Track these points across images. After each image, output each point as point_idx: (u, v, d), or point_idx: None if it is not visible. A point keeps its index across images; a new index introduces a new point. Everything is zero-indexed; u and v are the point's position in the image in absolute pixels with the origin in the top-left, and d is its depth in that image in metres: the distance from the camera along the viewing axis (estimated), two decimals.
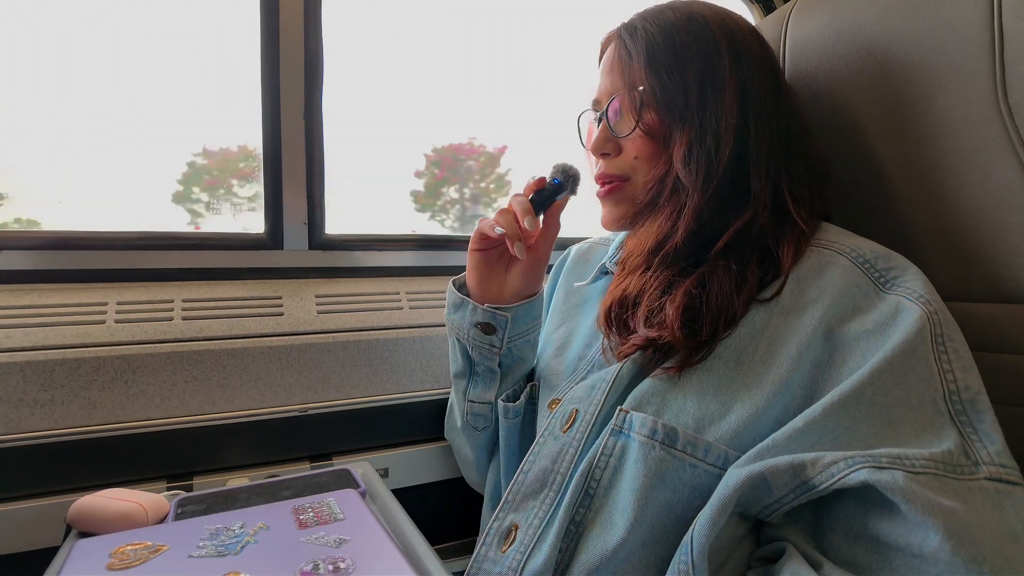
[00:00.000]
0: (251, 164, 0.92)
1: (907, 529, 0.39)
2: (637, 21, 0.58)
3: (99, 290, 0.76)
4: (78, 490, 0.65)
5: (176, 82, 0.87)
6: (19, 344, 0.67)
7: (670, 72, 0.55)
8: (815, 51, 0.66)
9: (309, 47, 0.85)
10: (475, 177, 1.19)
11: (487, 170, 1.20)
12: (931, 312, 0.45)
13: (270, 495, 0.58)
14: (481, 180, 1.20)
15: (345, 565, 0.42)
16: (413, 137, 1.09)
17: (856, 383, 0.43)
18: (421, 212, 1.13)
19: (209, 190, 0.92)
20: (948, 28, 0.54)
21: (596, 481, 0.49)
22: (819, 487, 0.41)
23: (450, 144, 1.16)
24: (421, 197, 1.13)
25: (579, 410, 0.54)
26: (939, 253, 0.59)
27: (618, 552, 0.46)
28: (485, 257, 0.66)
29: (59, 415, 0.68)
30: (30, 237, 0.76)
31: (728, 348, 0.49)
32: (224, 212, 0.93)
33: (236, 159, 0.94)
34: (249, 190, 0.94)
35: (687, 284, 0.52)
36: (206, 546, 0.45)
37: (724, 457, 0.46)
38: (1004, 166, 0.53)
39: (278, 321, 0.80)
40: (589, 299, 0.69)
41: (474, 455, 0.74)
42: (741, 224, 0.53)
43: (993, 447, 0.42)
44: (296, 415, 0.78)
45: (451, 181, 1.16)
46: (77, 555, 0.45)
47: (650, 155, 0.57)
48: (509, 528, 0.52)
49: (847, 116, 0.64)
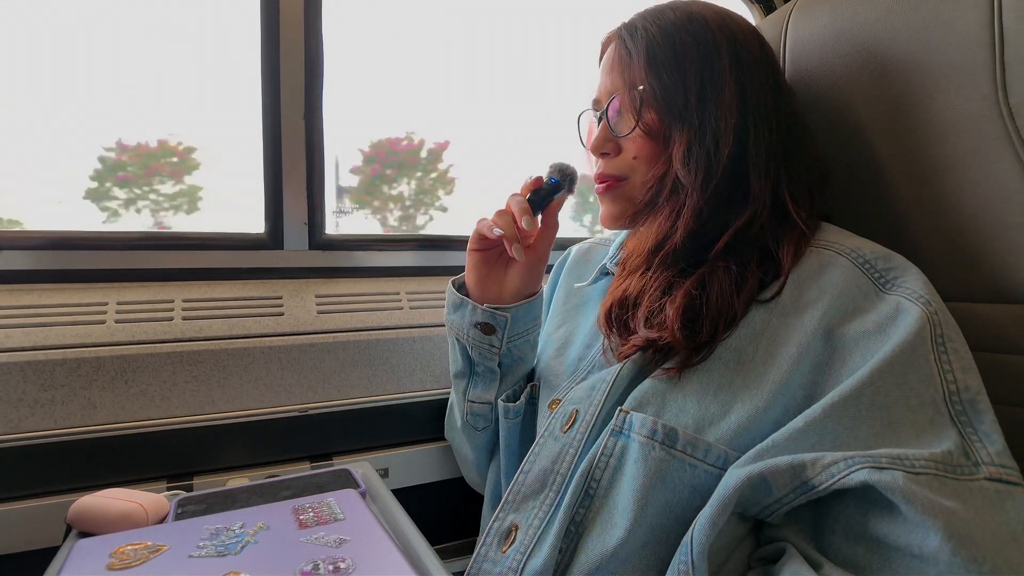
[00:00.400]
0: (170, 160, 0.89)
1: (907, 529, 0.39)
2: (637, 21, 0.58)
3: (99, 290, 0.76)
4: (78, 490, 0.65)
5: (175, 82, 0.87)
6: (19, 344, 0.67)
7: (670, 72, 0.55)
8: (815, 51, 0.66)
9: (309, 47, 0.85)
10: (415, 174, 1.15)
11: (428, 166, 1.16)
12: (931, 312, 0.45)
13: (270, 495, 0.58)
14: (423, 176, 1.16)
15: (345, 565, 0.42)
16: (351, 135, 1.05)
17: (856, 383, 0.43)
18: (358, 210, 1.09)
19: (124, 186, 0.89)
20: (948, 28, 0.54)
21: (596, 481, 0.49)
22: (819, 487, 0.41)
23: (387, 138, 1.12)
24: (355, 194, 1.08)
25: (579, 411, 0.54)
26: (939, 253, 0.59)
27: (618, 552, 0.46)
28: (484, 257, 0.66)
29: (59, 415, 0.68)
30: (30, 237, 0.76)
31: (728, 349, 0.49)
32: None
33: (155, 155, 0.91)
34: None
35: (687, 285, 0.52)
36: (206, 546, 0.45)
37: (724, 457, 0.46)
38: (1004, 166, 0.53)
39: (278, 321, 0.80)
40: (589, 300, 0.69)
41: (474, 455, 0.74)
42: (741, 224, 0.53)
43: (993, 447, 0.42)
44: (296, 415, 0.78)
45: (386, 178, 1.12)
46: (77, 555, 0.45)
47: (649, 155, 0.57)
48: (509, 528, 0.52)
49: (847, 116, 0.64)
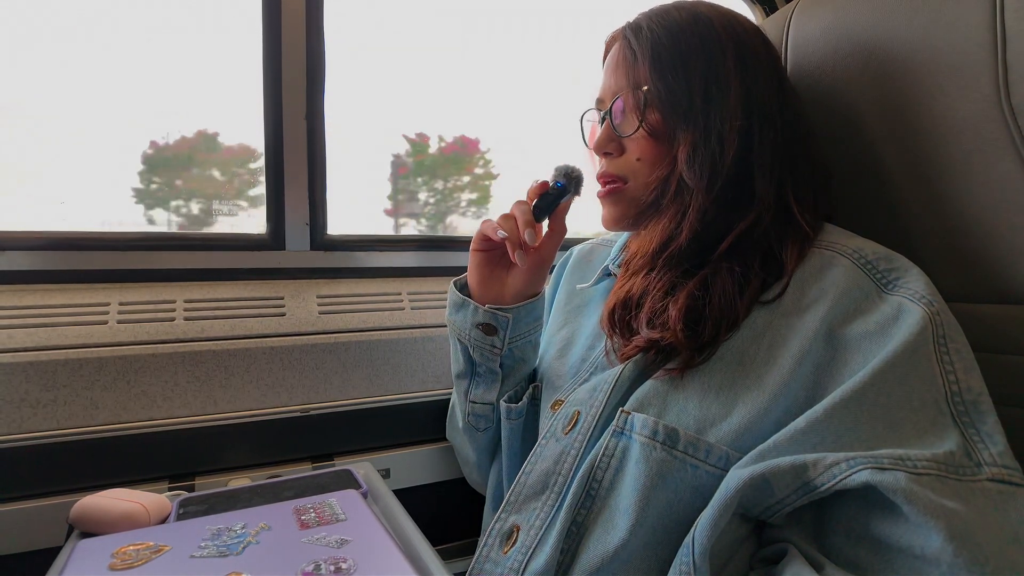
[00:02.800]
0: None
1: (909, 530, 0.39)
2: (643, 21, 0.58)
3: (101, 290, 0.77)
4: (80, 490, 0.65)
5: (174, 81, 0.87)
6: (22, 344, 0.68)
7: (675, 73, 0.55)
8: (817, 52, 0.66)
9: (311, 47, 0.85)
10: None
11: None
12: (933, 313, 0.45)
13: (272, 495, 0.58)
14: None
15: (347, 566, 0.42)
16: None
17: (858, 384, 0.43)
18: None
19: None
20: (950, 28, 0.54)
21: (598, 482, 0.49)
22: (821, 488, 0.41)
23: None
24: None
25: (581, 412, 0.54)
26: (941, 254, 0.59)
27: (620, 553, 0.46)
28: (487, 258, 0.66)
29: (61, 415, 0.68)
30: (32, 238, 0.76)
31: (730, 350, 0.49)
32: None
33: None
34: None
35: (690, 286, 0.52)
36: (208, 546, 0.45)
37: (725, 458, 0.46)
38: (1006, 166, 0.53)
39: (280, 322, 0.80)
40: (592, 301, 0.69)
41: (476, 456, 0.74)
42: (745, 226, 0.53)
43: (995, 448, 0.42)
44: (298, 415, 0.78)
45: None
46: (79, 555, 0.45)
47: (653, 156, 0.57)
48: (511, 529, 0.52)
49: (849, 117, 0.63)
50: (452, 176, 1.15)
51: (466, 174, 1.17)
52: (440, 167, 1.14)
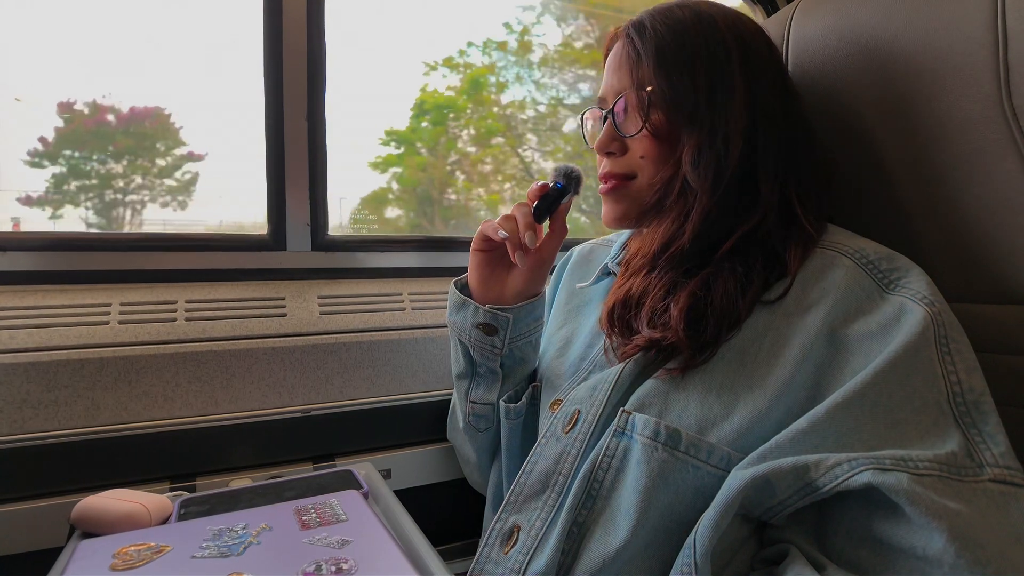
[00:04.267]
0: None
1: (911, 531, 0.39)
2: (646, 19, 0.57)
3: (103, 291, 0.77)
4: (81, 491, 0.65)
5: None
6: (23, 345, 0.68)
7: (680, 73, 0.54)
8: (818, 52, 0.66)
9: (312, 49, 0.85)
10: None
11: None
12: (935, 313, 0.45)
13: (273, 496, 0.58)
14: None
15: (348, 566, 0.42)
16: None
17: (860, 384, 0.43)
18: None
19: None
20: (952, 29, 0.54)
21: (599, 483, 0.49)
22: (823, 489, 0.41)
23: None
24: None
25: (581, 411, 0.54)
26: (943, 254, 0.59)
27: (621, 554, 0.46)
28: (487, 258, 0.66)
29: (63, 416, 0.68)
30: (34, 238, 0.76)
31: (731, 349, 0.49)
32: None
33: None
34: None
35: (692, 285, 0.52)
36: (209, 547, 0.45)
37: (727, 459, 0.45)
38: (1008, 167, 0.53)
39: (281, 322, 0.80)
40: (591, 300, 0.69)
41: (476, 456, 0.74)
42: (748, 228, 0.53)
43: (997, 449, 0.42)
44: (299, 416, 0.78)
45: None
46: (80, 555, 0.45)
47: (657, 156, 0.57)
48: (511, 529, 0.52)
49: (850, 117, 0.63)
50: None
51: None
52: None
